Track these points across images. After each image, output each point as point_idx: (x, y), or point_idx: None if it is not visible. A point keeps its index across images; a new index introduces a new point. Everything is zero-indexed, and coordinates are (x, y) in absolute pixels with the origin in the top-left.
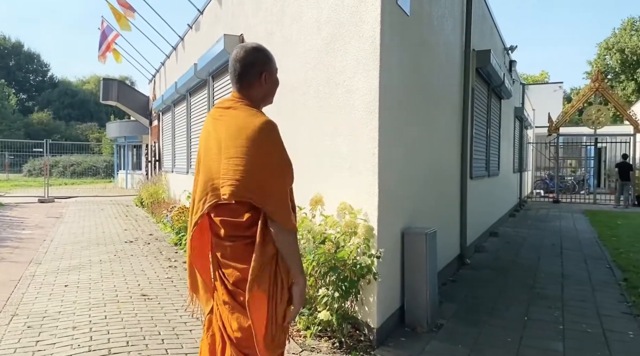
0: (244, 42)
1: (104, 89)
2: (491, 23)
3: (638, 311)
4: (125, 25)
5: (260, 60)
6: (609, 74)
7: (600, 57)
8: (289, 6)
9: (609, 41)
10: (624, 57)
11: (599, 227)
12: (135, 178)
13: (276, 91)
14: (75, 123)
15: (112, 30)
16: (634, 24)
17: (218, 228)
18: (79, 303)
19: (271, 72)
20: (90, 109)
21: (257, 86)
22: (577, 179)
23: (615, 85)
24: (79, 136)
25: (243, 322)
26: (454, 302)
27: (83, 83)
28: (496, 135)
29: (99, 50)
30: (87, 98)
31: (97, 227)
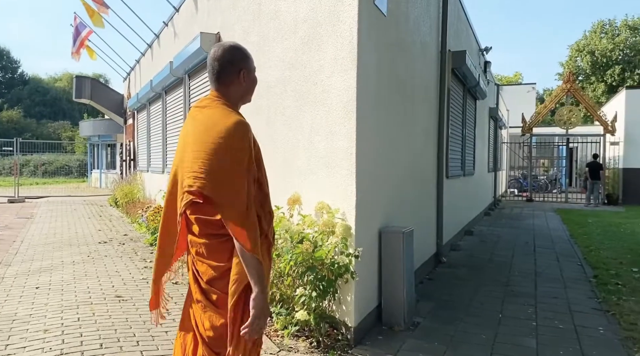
0: (222, 41)
1: (77, 86)
2: (466, 24)
3: (608, 307)
4: (98, 22)
5: (238, 58)
6: (580, 76)
7: (571, 59)
8: (265, 4)
9: (579, 43)
10: (594, 59)
11: (571, 225)
12: (110, 177)
13: (254, 90)
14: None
15: (85, 27)
16: (604, 26)
17: (193, 226)
18: (51, 305)
19: (249, 70)
20: (63, 107)
21: (236, 84)
22: (549, 179)
23: (586, 86)
24: (51, 135)
25: (215, 321)
26: (431, 300)
27: (55, 80)
28: (471, 135)
29: (73, 47)
30: (59, 96)
31: (70, 227)
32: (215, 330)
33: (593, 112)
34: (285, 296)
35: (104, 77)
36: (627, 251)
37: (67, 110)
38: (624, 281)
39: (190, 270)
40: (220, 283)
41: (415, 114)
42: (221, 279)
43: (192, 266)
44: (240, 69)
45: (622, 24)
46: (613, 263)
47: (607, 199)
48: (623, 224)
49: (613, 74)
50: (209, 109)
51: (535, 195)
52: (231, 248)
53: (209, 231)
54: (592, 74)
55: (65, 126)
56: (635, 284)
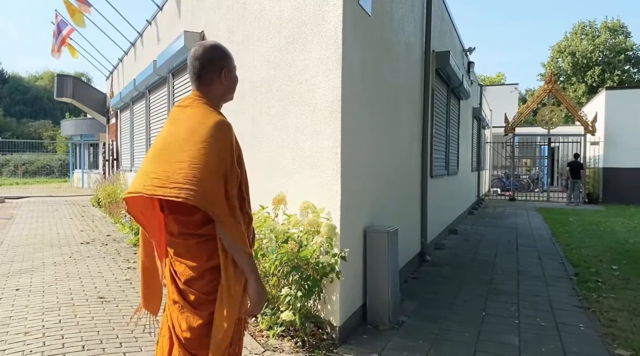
0: (203, 41)
1: (59, 85)
2: (450, 25)
3: (588, 304)
4: (79, 21)
5: (219, 57)
6: (561, 77)
7: (553, 59)
8: (250, 3)
9: (561, 44)
10: (575, 60)
11: (552, 224)
12: (92, 177)
13: (236, 88)
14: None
15: (66, 25)
16: (584, 28)
17: (171, 225)
18: (32, 307)
19: (230, 69)
20: (44, 106)
21: (217, 83)
22: (531, 178)
23: (567, 87)
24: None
25: (192, 322)
26: (415, 299)
27: (36, 79)
28: (455, 135)
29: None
30: (40, 95)
31: (51, 228)
32: (192, 331)
33: (574, 113)
34: (270, 296)
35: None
36: (607, 249)
37: (48, 109)
38: (604, 279)
39: (168, 271)
40: (198, 284)
41: (400, 114)
42: (199, 279)
43: (170, 267)
44: (222, 68)
45: (602, 26)
46: (593, 261)
47: (588, 198)
48: (603, 223)
49: (593, 74)
50: (191, 109)
51: (517, 194)
52: (210, 248)
53: (187, 230)
54: (573, 74)
55: (46, 125)
56: (615, 281)
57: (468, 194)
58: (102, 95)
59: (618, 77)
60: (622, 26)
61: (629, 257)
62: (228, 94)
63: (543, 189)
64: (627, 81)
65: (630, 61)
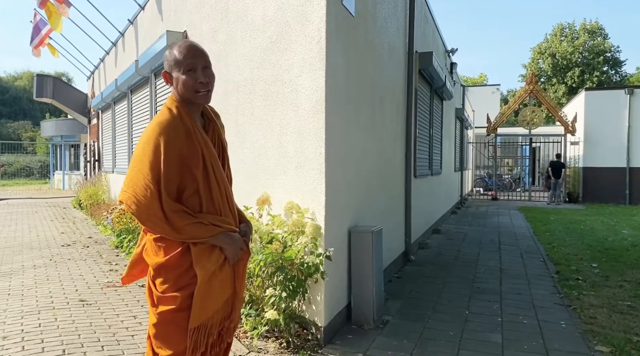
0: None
1: (38, 85)
2: (433, 26)
3: (569, 301)
4: (56, 24)
5: (166, 59)
6: (542, 78)
7: (534, 61)
8: (233, 3)
9: (541, 46)
10: (555, 62)
11: (534, 223)
12: (73, 178)
13: (188, 90)
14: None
15: (45, 24)
16: (564, 30)
17: None
18: (10, 311)
19: (172, 69)
20: (24, 107)
21: (170, 83)
22: (513, 178)
23: (548, 88)
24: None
25: (153, 318)
26: (399, 298)
27: (15, 79)
28: (438, 135)
29: (31, 44)
30: (19, 95)
31: (31, 230)
32: (154, 327)
33: (554, 113)
34: (254, 297)
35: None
36: (587, 247)
37: (27, 110)
38: (584, 277)
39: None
40: (157, 281)
41: (384, 114)
42: (156, 276)
43: (149, 270)
44: (168, 69)
45: (581, 28)
46: (574, 259)
47: (568, 198)
48: (583, 222)
49: (573, 76)
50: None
51: (500, 194)
52: (163, 247)
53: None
54: (554, 75)
55: (25, 126)
56: (595, 279)
57: (451, 194)
58: (83, 95)
59: (597, 78)
60: (600, 28)
61: (609, 255)
62: (184, 94)
63: (525, 189)
64: (605, 82)
65: (608, 62)
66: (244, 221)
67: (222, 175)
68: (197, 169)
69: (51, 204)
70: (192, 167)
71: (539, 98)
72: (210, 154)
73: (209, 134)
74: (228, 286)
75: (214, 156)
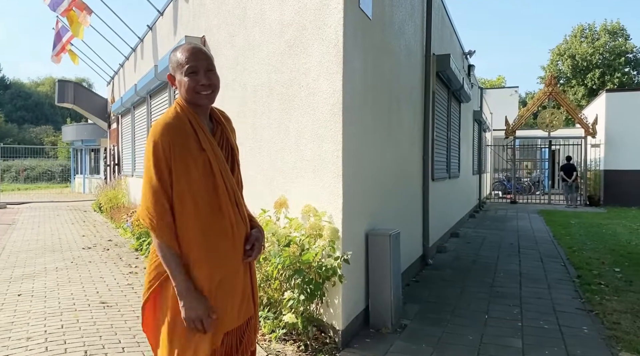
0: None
1: (60, 91)
2: (450, 29)
3: (591, 307)
4: (77, 31)
5: (170, 60)
6: (561, 79)
7: (552, 62)
8: (251, 8)
9: (560, 47)
10: (575, 63)
11: (554, 226)
12: (94, 182)
13: (189, 92)
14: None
15: (67, 31)
16: (584, 31)
17: None
18: (34, 312)
19: (174, 72)
20: (45, 112)
21: (174, 85)
22: (532, 180)
23: (567, 89)
24: (33, 140)
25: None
26: (417, 302)
27: (37, 85)
28: (456, 138)
29: (53, 51)
30: (41, 100)
31: (53, 233)
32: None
33: (574, 115)
34: (272, 300)
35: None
36: (609, 251)
37: (49, 115)
38: (607, 281)
39: None
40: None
41: (401, 117)
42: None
43: None
44: (171, 72)
45: (602, 29)
46: (596, 263)
47: (589, 201)
48: (605, 225)
49: (593, 77)
50: None
51: (518, 197)
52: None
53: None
54: (573, 77)
55: (47, 130)
56: (618, 284)
57: (469, 197)
58: (103, 100)
59: (618, 79)
60: (621, 29)
61: (632, 259)
62: (186, 96)
63: (544, 192)
64: (627, 83)
65: (630, 63)
66: (256, 227)
67: (230, 179)
68: (196, 172)
69: (72, 208)
70: (191, 170)
71: (559, 100)
72: (216, 157)
73: (217, 137)
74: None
75: (220, 159)
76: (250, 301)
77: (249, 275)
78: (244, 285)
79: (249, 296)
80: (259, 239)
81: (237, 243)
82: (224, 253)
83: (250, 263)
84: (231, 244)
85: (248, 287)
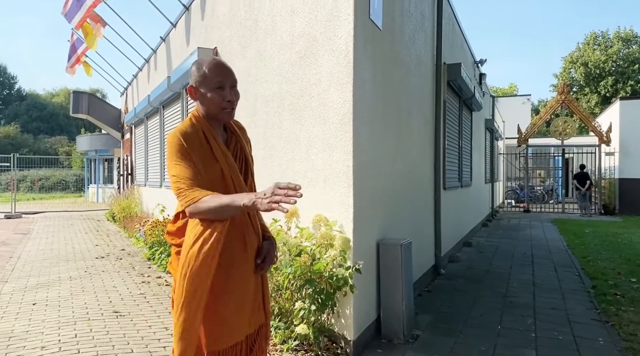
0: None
1: (74, 101)
2: (461, 38)
3: (607, 317)
4: (92, 43)
5: (191, 74)
6: (574, 87)
7: (565, 70)
8: (262, 20)
9: (573, 55)
10: (588, 71)
11: (568, 235)
12: (107, 192)
13: (212, 106)
14: (44, 137)
15: (82, 43)
16: (597, 38)
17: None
18: (48, 321)
19: (198, 84)
20: (60, 123)
21: (195, 98)
22: (546, 189)
23: (580, 97)
24: (48, 150)
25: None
26: (430, 312)
27: (52, 96)
28: (468, 146)
29: (68, 62)
30: (56, 111)
31: (67, 243)
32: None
33: (588, 123)
34: (284, 310)
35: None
36: (624, 261)
37: (64, 125)
38: (623, 292)
39: None
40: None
41: (412, 126)
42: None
43: None
44: (193, 84)
45: (615, 36)
46: (611, 273)
47: (604, 209)
48: (620, 235)
49: (606, 85)
50: None
51: (532, 206)
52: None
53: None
54: (586, 85)
55: (62, 141)
56: (634, 294)
57: (482, 206)
58: (116, 111)
59: (631, 87)
60: (635, 36)
61: None
62: (208, 110)
63: (558, 201)
64: None
65: None
66: (268, 237)
67: (243, 189)
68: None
69: (86, 217)
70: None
71: (572, 108)
72: (229, 167)
73: (231, 148)
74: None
75: (233, 169)
76: (262, 310)
77: (261, 283)
78: (255, 293)
79: (260, 304)
80: (271, 251)
81: (250, 253)
82: (237, 263)
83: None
84: (244, 253)
85: (259, 295)
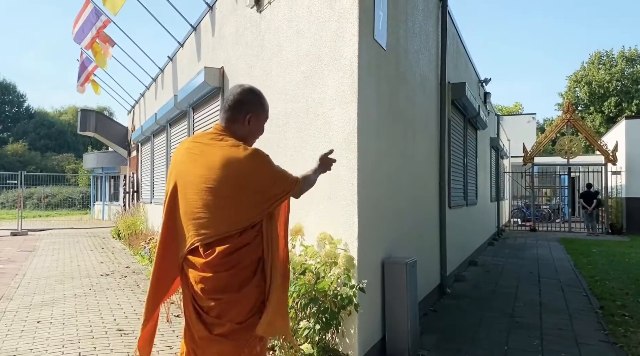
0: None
1: (82, 120)
2: (466, 58)
3: (615, 339)
4: (101, 62)
5: (251, 101)
6: (579, 106)
7: (570, 89)
8: (268, 40)
9: (578, 74)
10: (592, 90)
11: (575, 255)
12: (113, 209)
13: (258, 136)
14: (52, 154)
15: (91, 62)
16: (601, 58)
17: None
18: (52, 339)
19: (258, 116)
20: (68, 140)
21: (239, 124)
22: (552, 208)
23: (585, 116)
24: (55, 167)
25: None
26: (435, 332)
27: (60, 114)
28: (473, 165)
29: (78, 81)
30: (64, 129)
31: (72, 260)
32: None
33: (593, 142)
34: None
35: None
36: (632, 281)
37: (71, 143)
38: (631, 313)
39: (189, 308)
40: (230, 314)
41: (416, 145)
42: (230, 310)
43: (193, 303)
44: (248, 112)
45: (619, 55)
46: (619, 293)
47: (611, 229)
48: (628, 254)
49: (609, 105)
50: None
51: (538, 225)
52: (240, 280)
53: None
54: (591, 104)
55: (69, 158)
56: None
57: (488, 225)
58: (123, 128)
59: (636, 106)
60: (639, 55)
61: None
62: (249, 138)
63: (564, 220)
64: None
65: None
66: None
67: None
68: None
69: (91, 235)
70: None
71: (577, 127)
72: None
73: None
74: None
75: None
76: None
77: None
78: None
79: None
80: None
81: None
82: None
83: None
84: None
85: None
